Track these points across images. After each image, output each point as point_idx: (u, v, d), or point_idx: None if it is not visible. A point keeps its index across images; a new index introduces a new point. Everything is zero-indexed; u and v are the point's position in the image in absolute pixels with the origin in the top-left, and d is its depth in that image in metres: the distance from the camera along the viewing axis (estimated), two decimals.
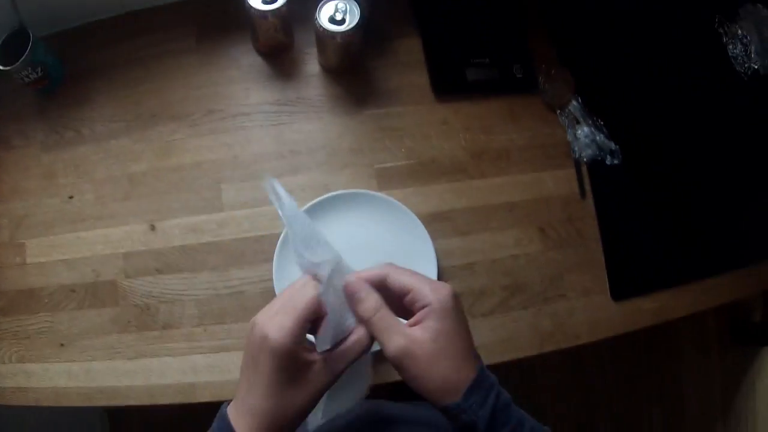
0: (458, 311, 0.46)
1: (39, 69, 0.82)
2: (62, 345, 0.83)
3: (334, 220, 0.78)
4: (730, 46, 0.92)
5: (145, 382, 0.81)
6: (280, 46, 0.85)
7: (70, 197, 0.85)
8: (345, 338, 0.46)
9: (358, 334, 0.46)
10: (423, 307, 0.45)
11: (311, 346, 0.46)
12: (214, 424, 0.46)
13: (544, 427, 0.47)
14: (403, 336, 0.44)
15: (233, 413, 0.45)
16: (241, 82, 0.85)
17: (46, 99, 0.88)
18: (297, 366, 0.44)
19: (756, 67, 0.91)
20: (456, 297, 0.46)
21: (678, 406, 1.47)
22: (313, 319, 0.45)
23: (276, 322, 0.43)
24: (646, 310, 0.82)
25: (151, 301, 0.81)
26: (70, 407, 0.81)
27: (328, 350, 0.45)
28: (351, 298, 0.46)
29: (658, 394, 1.53)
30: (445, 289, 0.46)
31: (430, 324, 0.44)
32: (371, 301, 0.46)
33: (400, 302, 0.47)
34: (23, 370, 0.83)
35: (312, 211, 0.78)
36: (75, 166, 0.86)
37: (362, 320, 0.46)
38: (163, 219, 0.83)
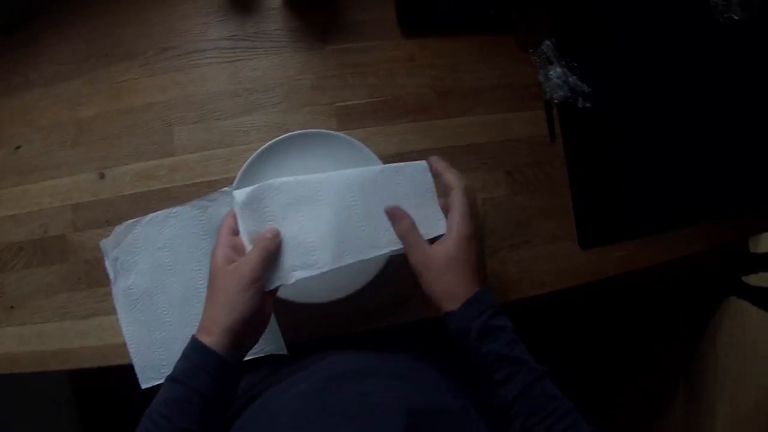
0: (471, 247, 0.58)
1: None
2: (12, 308, 0.78)
3: (291, 161, 0.72)
4: None
5: (97, 342, 0.76)
6: None
7: (17, 147, 0.80)
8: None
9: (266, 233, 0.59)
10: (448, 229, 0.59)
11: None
12: (185, 348, 0.56)
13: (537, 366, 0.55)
14: (423, 252, 0.58)
15: (198, 334, 0.55)
16: (196, 17, 0.80)
17: None
18: (224, 267, 0.57)
19: (736, 18, 0.87)
20: (472, 238, 0.58)
21: (637, 360, 1.47)
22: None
23: (247, 264, 0.56)
24: (613, 258, 0.79)
25: (101, 255, 0.76)
26: (32, 384, 0.77)
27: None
28: (391, 218, 0.60)
29: (618, 348, 1.52)
30: (466, 228, 0.58)
31: (446, 247, 0.58)
32: (405, 224, 0.59)
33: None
34: None
35: (268, 153, 0.72)
36: (22, 113, 0.81)
37: (399, 236, 0.60)
38: (113, 166, 0.78)
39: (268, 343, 0.71)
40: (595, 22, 0.85)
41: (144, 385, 0.74)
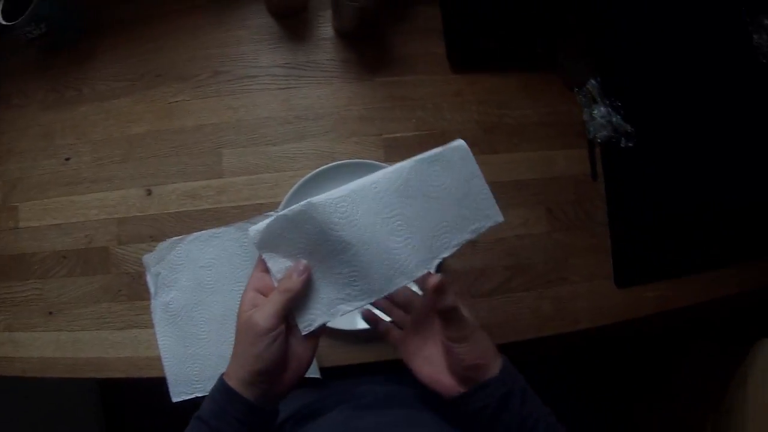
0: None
1: (42, 25, 0.79)
2: (51, 313, 0.80)
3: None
4: (755, 36, 0.88)
5: (132, 354, 0.77)
6: (293, 7, 0.82)
7: (67, 159, 0.82)
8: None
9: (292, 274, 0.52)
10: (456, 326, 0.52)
11: None
12: (212, 387, 0.53)
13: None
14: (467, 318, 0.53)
15: (227, 376, 0.52)
16: (250, 44, 0.82)
17: (49, 56, 0.85)
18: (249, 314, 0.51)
19: None
20: None
21: (667, 398, 1.44)
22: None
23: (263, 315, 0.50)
24: (649, 298, 0.79)
25: (142, 270, 0.77)
26: (65, 398, 0.78)
27: None
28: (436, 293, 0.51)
29: (647, 386, 1.49)
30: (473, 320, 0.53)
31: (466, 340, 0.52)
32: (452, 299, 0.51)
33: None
34: (11, 339, 0.80)
35: (314, 180, 0.73)
36: (74, 126, 0.83)
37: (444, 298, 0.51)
38: (161, 184, 0.79)
39: None
40: (640, 62, 0.85)
41: (175, 399, 0.75)
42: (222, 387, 0.52)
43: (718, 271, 0.81)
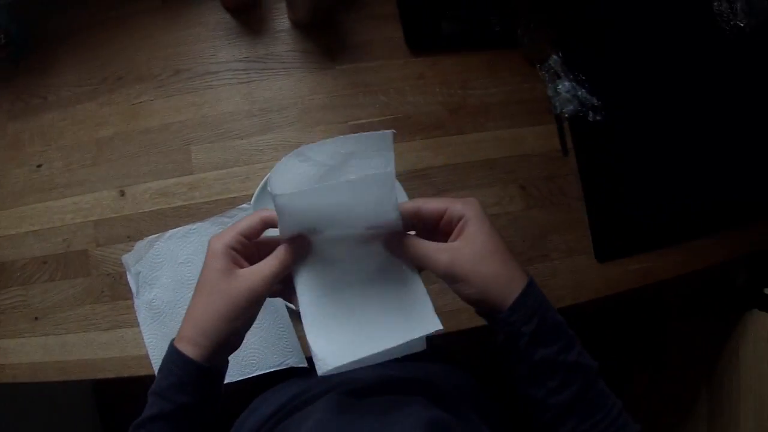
0: (488, 219, 0.48)
1: (1, 36, 0.79)
2: (36, 318, 0.81)
3: None
4: (716, 3, 0.89)
5: (120, 353, 0.79)
6: (247, 2, 0.82)
7: (39, 166, 0.83)
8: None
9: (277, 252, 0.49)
10: (459, 220, 0.47)
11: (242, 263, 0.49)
12: (166, 359, 0.49)
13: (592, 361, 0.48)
14: (446, 251, 0.47)
15: (180, 343, 0.48)
16: (208, 40, 0.82)
17: (11, 67, 0.85)
18: (222, 269, 0.47)
19: (742, 25, 0.88)
20: (482, 206, 0.48)
21: (661, 371, 1.45)
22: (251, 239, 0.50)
23: (216, 236, 0.49)
24: (631, 271, 0.79)
25: (123, 270, 0.79)
26: (59, 403, 0.79)
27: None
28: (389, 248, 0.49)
29: (641, 359, 1.50)
30: (474, 202, 0.48)
31: (471, 230, 0.46)
32: (407, 237, 0.48)
33: (435, 229, 0.49)
34: None
35: None
36: (42, 133, 0.83)
37: (408, 258, 0.48)
38: (133, 184, 0.80)
39: (289, 356, 0.74)
40: (600, 34, 0.85)
41: None
42: (180, 358, 0.47)
43: (699, 240, 0.81)
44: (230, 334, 0.48)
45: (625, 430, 0.47)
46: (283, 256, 0.48)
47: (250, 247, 0.50)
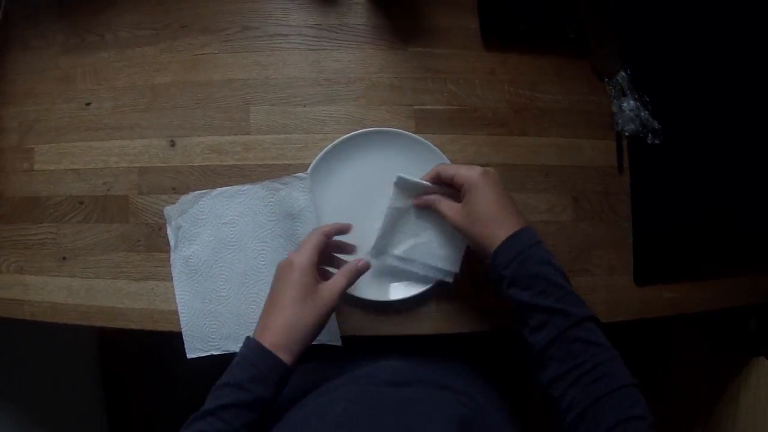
0: (490, 185, 0.60)
1: None
2: (64, 258, 0.80)
3: (365, 157, 0.74)
4: None
5: (148, 305, 0.78)
6: None
7: (87, 104, 0.81)
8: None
9: (358, 262, 0.63)
10: (462, 185, 0.62)
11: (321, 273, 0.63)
12: (240, 349, 0.57)
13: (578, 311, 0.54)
14: (453, 210, 0.63)
15: (256, 335, 0.57)
16: (279, 2, 0.80)
17: (68, 1, 0.83)
18: (310, 284, 0.58)
19: None
20: (487, 173, 0.61)
21: (656, 403, 1.46)
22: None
23: (297, 253, 0.60)
24: (665, 299, 0.78)
25: (163, 221, 0.78)
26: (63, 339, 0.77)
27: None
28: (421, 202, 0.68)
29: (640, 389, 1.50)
30: (474, 169, 0.61)
31: (469, 197, 0.61)
32: (433, 196, 0.67)
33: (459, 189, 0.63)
34: (21, 282, 0.80)
35: (345, 144, 0.74)
36: (95, 71, 0.82)
37: (433, 207, 0.66)
38: (185, 136, 0.79)
39: (324, 333, 0.73)
40: (670, 58, 0.84)
41: (190, 355, 0.76)
42: (266, 355, 0.55)
43: (733, 279, 0.80)
44: (312, 340, 0.58)
45: (611, 378, 0.50)
46: (350, 275, 0.61)
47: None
